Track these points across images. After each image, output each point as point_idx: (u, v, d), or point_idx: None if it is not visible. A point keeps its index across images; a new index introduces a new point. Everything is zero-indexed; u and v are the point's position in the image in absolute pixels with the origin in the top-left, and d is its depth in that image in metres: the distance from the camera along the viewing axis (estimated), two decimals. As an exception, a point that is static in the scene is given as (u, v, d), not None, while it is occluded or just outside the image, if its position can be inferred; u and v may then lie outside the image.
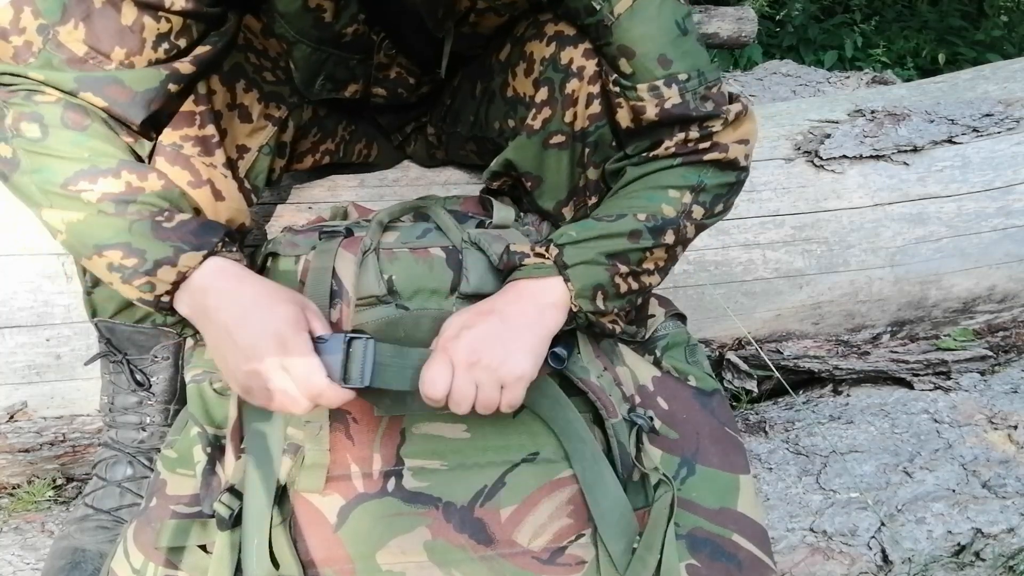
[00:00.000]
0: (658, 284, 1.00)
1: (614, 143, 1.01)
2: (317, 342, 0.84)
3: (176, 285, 0.85)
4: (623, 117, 0.96)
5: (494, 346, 0.86)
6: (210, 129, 0.96)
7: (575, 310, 0.92)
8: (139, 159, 0.90)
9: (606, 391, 0.95)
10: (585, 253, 0.92)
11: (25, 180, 0.83)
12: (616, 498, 0.92)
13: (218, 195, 0.97)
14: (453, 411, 0.86)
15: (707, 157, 0.94)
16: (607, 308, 0.94)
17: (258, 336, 0.82)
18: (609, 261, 0.92)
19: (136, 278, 0.84)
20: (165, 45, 0.88)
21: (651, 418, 0.97)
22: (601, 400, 0.93)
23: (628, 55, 0.92)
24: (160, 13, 0.86)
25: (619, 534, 0.91)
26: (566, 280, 0.92)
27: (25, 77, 0.83)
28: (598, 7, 0.91)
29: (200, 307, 0.86)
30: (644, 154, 0.96)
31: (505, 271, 0.95)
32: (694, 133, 0.94)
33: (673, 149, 0.94)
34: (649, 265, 0.95)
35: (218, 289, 0.85)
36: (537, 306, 0.91)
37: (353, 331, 0.88)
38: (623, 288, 0.94)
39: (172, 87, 0.89)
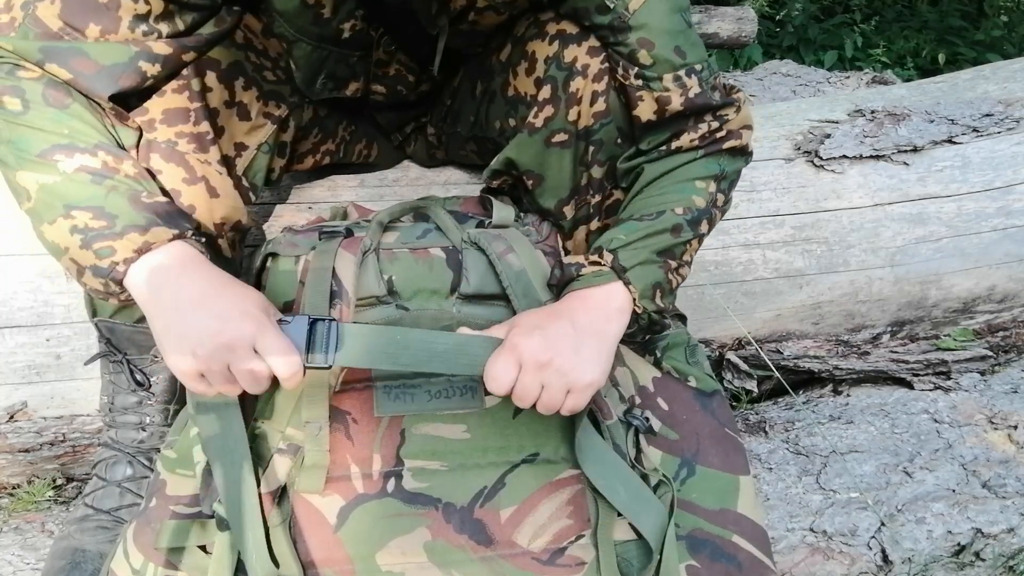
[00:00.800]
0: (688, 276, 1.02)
1: (619, 140, 1.01)
2: (280, 324, 0.84)
3: (138, 254, 0.83)
4: (645, 110, 0.97)
5: (566, 350, 0.86)
6: (205, 126, 0.96)
7: (639, 312, 0.94)
8: (120, 147, 0.90)
9: (601, 393, 0.95)
10: (639, 254, 0.93)
11: (1, 148, 0.84)
12: (627, 478, 0.92)
13: (213, 192, 0.97)
14: (516, 404, 0.87)
15: (725, 146, 0.97)
16: (665, 306, 0.96)
17: (231, 312, 0.81)
18: (661, 259, 0.94)
19: (98, 240, 0.83)
20: (143, 27, 0.88)
21: (647, 419, 0.97)
22: (596, 402, 0.93)
23: (648, 47, 0.94)
24: None
25: (646, 513, 0.91)
26: (627, 283, 0.93)
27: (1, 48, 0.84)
28: (612, 5, 0.93)
29: (156, 285, 0.84)
30: (663, 148, 0.98)
31: (560, 285, 0.96)
32: (714, 124, 0.97)
33: (697, 142, 0.97)
34: (687, 257, 0.97)
35: (182, 268, 0.84)
36: (604, 313, 0.91)
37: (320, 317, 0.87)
38: (674, 283, 0.97)
39: (144, 65, 0.88)
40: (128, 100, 0.90)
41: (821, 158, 1.47)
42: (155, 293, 0.84)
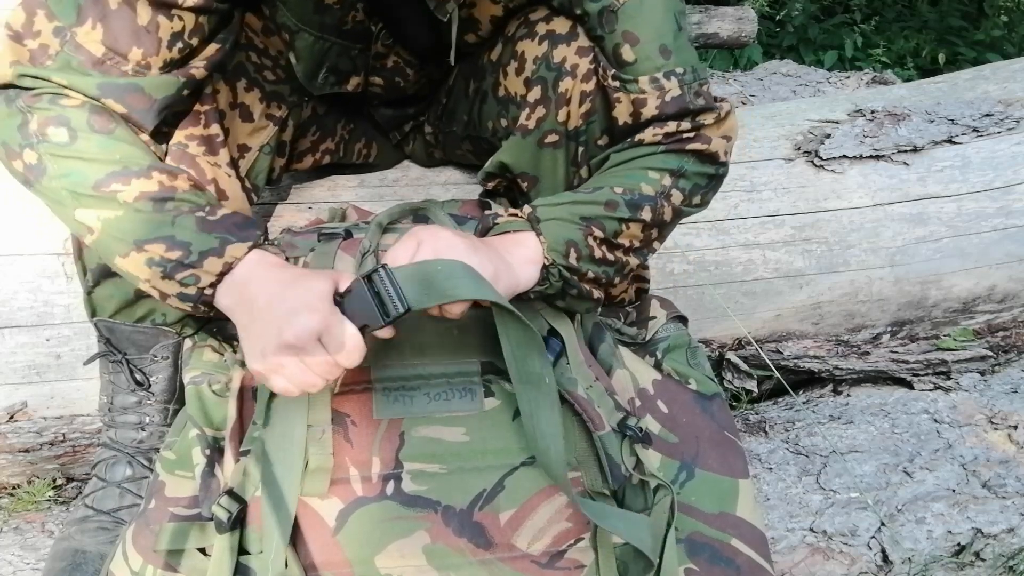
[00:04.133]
0: (635, 267, 1.00)
1: (604, 140, 1.01)
2: (343, 297, 0.83)
3: (221, 277, 0.84)
4: (621, 112, 0.96)
5: (463, 245, 0.85)
6: (215, 128, 0.96)
7: (547, 263, 0.91)
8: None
9: (595, 402, 0.93)
10: (558, 212, 0.92)
11: (54, 185, 0.83)
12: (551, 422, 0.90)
13: (222, 195, 0.98)
14: None
15: (689, 147, 0.95)
16: (581, 268, 0.93)
17: (294, 310, 0.81)
18: (583, 223, 0.92)
19: (179, 271, 0.83)
20: (179, 44, 0.88)
21: (641, 429, 0.96)
22: (588, 412, 0.92)
23: (632, 42, 0.93)
24: (174, 11, 0.86)
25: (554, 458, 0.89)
26: (539, 235, 0.91)
27: (47, 80, 0.83)
28: None
29: (237, 299, 0.85)
30: (628, 140, 0.97)
31: (482, 234, 0.95)
32: (685, 124, 0.95)
33: (660, 137, 0.95)
34: (624, 241, 0.95)
35: (259, 276, 0.84)
36: (510, 255, 0.90)
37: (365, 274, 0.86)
38: (597, 253, 0.94)
39: (186, 92, 0.90)
40: (160, 127, 0.91)
41: (821, 158, 1.47)
42: (238, 306, 0.85)
